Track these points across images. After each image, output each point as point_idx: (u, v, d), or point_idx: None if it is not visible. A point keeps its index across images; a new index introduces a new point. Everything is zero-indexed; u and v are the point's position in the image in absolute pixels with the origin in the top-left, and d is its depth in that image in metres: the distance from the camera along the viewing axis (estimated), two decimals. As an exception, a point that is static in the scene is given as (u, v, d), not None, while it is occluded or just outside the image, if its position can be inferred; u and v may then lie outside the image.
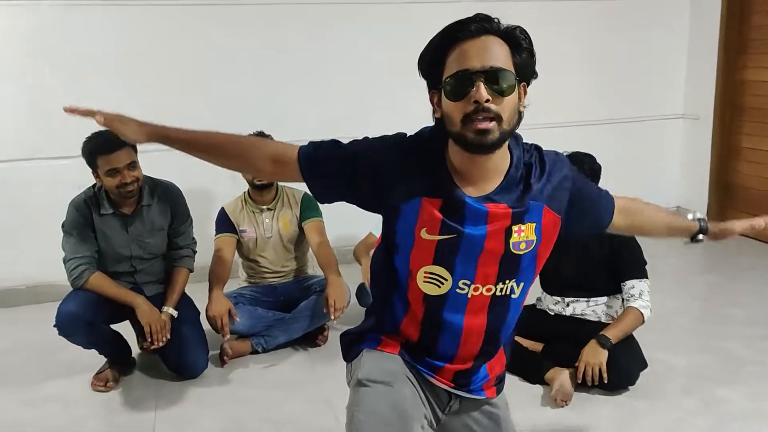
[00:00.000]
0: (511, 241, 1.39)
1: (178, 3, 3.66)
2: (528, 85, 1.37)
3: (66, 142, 3.52)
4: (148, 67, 3.67)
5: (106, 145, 2.57)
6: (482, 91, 1.25)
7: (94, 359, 2.78)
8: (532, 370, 2.62)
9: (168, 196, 2.83)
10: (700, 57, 4.53)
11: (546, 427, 2.31)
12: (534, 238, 1.42)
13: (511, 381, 2.61)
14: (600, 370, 2.43)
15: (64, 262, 2.68)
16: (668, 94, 4.73)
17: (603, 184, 2.84)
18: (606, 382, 2.44)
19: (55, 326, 2.58)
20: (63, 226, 2.71)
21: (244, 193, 3.16)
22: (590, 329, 2.63)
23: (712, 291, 3.65)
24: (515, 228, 1.39)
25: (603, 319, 2.67)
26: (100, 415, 2.53)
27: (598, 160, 2.73)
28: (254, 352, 2.97)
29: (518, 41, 1.32)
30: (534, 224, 1.41)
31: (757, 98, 4.28)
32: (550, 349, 2.68)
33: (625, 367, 2.49)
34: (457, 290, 1.43)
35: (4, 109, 3.51)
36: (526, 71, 1.35)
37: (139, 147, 2.67)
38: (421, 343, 1.51)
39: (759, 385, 2.55)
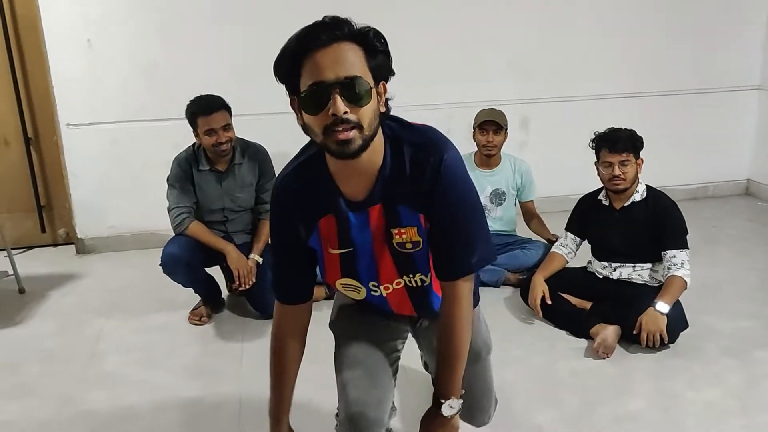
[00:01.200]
0: (394, 242, 1.45)
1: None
2: (387, 82, 1.36)
3: (166, 105, 3.98)
4: (244, 28, 3.96)
5: (206, 107, 2.94)
6: (339, 104, 1.23)
7: (190, 298, 3.20)
8: (578, 325, 2.84)
9: (257, 156, 3.18)
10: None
11: (586, 376, 2.55)
12: (419, 239, 1.45)
13: (559, 334, 2.88)
14: (660, 335, 2.61)
15: (168, 210, 3.09)
16: (745, 63, 4.68)
17: (672, 154, 2.96)
18: (667, 343, 2.65)
19: (160, 265, 3.01)
20: (168, 179, 3.11)
21: (323, 155, 3.47)
22: (637, 291, 2.82)
23: (770, 262, 3.73)
24: (394, 231, 1.44)
25: (649, 283, 2.85)
26: (197, 343, 2.95)
27: (639, 133, 2.86)
28: (327, 297, 3.31)
29: (372, 44, 1.29)
30: (415, 228, 1.44)
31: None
32: (597, 308, 2.89)
33: (666, 325, 2.67)
34: (372, 293, 1.58)
35: (114, 73, 3.93)
36: (382, 72, 1.33)
37: (234, 111, 3.04)
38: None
39: (798, 349, 2.68)
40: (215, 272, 3.25)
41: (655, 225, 2.81)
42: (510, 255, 3.42)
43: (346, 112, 1.25)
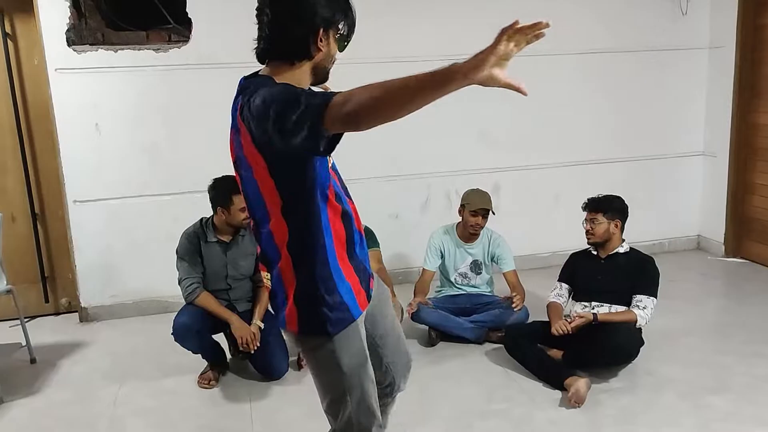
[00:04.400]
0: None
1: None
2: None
3: (167, 182, 4.33)
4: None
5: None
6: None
7: (196, 362, 3.45)
8: (553, 377, 3.19)
9: (257, 228, 3.51)
10: (717, 102, 5.04)
11: (561, 423, 2.88)
12: None
13: (535, 386, 3.22)
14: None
15: (179, 281, 3.37)
16: (690, 133, 5.24)
17: (630, 214, 3.49)
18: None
19: (172, 333, 3.29)
20: (177, 252, 3.40)
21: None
22: (606, 332, 3.17)
23: (720, 313, 4.15)
24: None
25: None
26: (208, 406, 3.21)
27: (625, 201, 3.47)
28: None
29: None
30: None
31: (769, 140, 4.75)
32: (569, 355, 3.26)
33: (624, 341, 3.17)
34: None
35: (119, 154, 4.26)
36: None
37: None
38: (350, 240, 1.84)
39: (743, 392, 3.07)
40: (219, 337, 3.53)
41: (634, 272, 3.32)
42: (490, 313, 3.76)
43: None
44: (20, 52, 4.21)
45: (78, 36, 4.10)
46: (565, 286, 3.50)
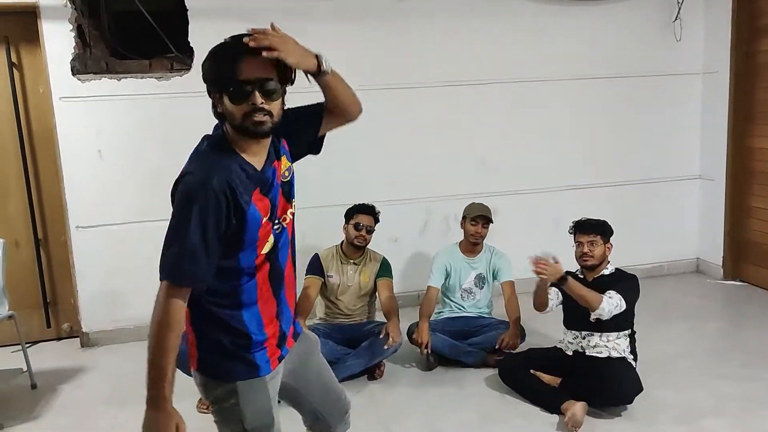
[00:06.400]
0: (278, 174, 1.81)
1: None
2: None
3: (169, 206, 4.35)
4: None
5: None
6: (257, 97, 1.65)
7: (195, 387, 3.46)
8: (549, 401, 3.20)
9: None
10: (712, 126, 5.10)
11: (559, 448, 2.89)
12: (289, 164, 1.87)
13: (532, 410, 3.23)
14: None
15: (181, 307, 3.40)
16: (686, 157, 5.29)
17: (629, 238, 3.51)
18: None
19: (172, 359, 3.30)
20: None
21: (338, 245, 3.86)
22: (600, 364, 3.20)
23: (717, 336, 4.14)
24: (275, 163, 1.80)
25: (612, 355, 3.23)
26: (207, 430, 3.21)
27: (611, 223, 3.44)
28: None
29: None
30: (284, 156, 1.85)
31: (765, 163, 4.79)
32: (566, 384, 3.26)
33: (623, 389, 3.11)
34: (276, 231, 1.81)
35: (122, 180, 4.33)
36: (286, 78, 1.71)
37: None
38: (278, 309, 1.88)
39: (740, 416, 3.08)
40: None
41: (618, 290, 3.23)
42: (488, 335, 3.79)
43: (262, 103, 1.66)
44: (26, 80, 4.29)
45: (82, 65, 4.19)
46: (554, 290, 3.43)
